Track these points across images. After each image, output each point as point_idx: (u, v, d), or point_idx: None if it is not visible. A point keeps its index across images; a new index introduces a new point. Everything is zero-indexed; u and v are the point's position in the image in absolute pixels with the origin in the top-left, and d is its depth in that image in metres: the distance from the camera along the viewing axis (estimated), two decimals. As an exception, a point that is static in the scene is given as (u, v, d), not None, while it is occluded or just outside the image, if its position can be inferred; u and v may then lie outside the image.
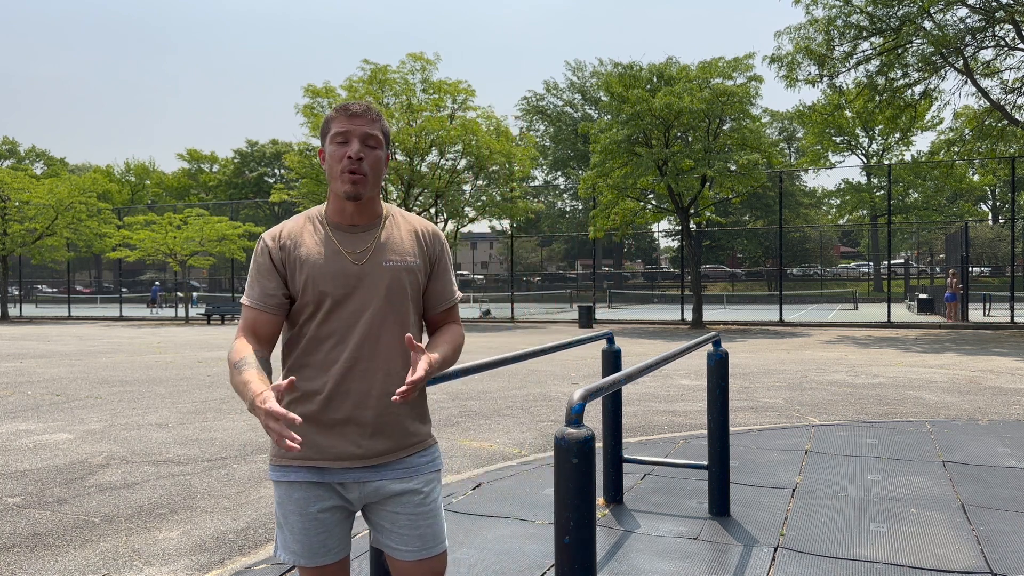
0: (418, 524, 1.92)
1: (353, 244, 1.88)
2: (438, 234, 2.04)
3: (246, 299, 1.89)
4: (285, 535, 1.89)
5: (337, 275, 1.84)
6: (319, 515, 1.86)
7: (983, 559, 3.56)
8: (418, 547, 1.91)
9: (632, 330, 22.21)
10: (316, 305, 1.85)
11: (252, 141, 63.33)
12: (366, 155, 1.84)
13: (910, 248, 59.02)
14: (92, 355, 15.08)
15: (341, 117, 1.85)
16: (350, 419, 1.85)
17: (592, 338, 4.24)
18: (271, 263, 1.86)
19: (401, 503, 1.91)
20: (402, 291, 1.90)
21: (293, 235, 1.89)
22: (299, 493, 1.86)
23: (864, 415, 7.52)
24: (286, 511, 1.88)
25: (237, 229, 31.88)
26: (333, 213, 1.91)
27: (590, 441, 1.92)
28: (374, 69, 25.34)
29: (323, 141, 1.90)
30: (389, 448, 1.89)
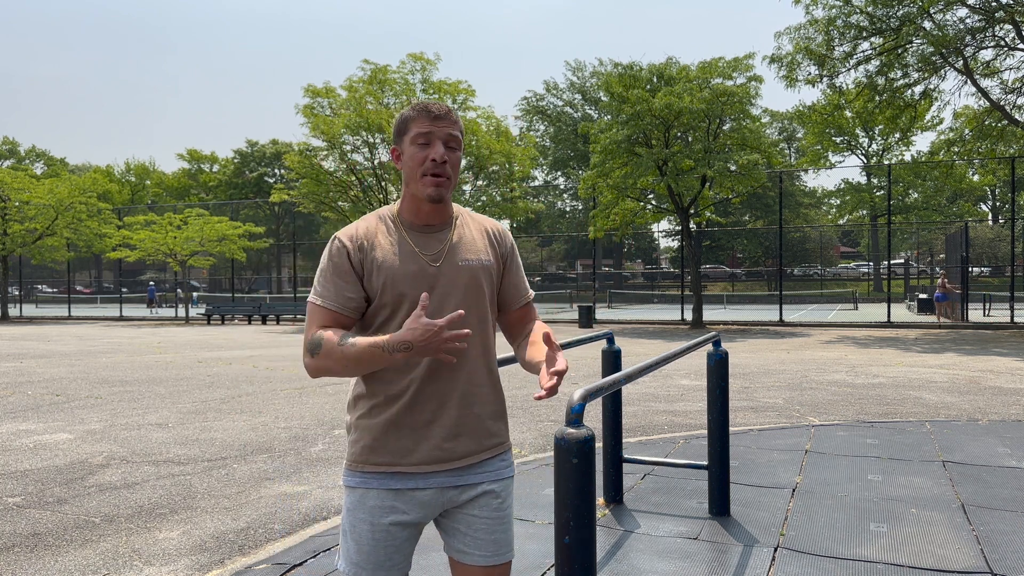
0: (494, 529, 1.90)
1: (428, 245, 1.86)
2: (507, 232, 2.04)
3: (320, 300, 1.80)
4: (349, 545, 1.85)
5: (415, 276, 1.82)
6: (390, 528, 1.82)
7: (983, 559, 3.56)
8: (492, 552, 1.90)
9: (632, 330, 22.21)
10: (395, 307, 1.82)
11: (252, 141, 63.32)
12: (449, 157, 1.83)
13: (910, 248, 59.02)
14: (92, 355, 15.08)
15: (423, 119, 1.82)
16: (433, 421, 1.83)
17: (592, 338, 4.24)
18: (349, 264, 1.81)
19: (479, 506, 1.89)
20: (479, 290, 1.89)
21: (369, 236, 1.85)
22: (374, 502, 1.82)
23: (864, 415, 7.52)
24: (355, 519, 1.83)
25: (237, 229, 31.88)
26: (408, 213, 1.88)
27: (590, 441, 1.92)
28: (374, 69, 25.34)
29: (398, 140, 1.87)
30: (471, 450, 1.87)
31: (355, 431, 1.87)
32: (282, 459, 5.97)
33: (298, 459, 5.96)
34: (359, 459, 1.84)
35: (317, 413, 8.00)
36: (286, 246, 54.94)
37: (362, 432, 1.85)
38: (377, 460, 1.82)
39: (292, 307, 29.32)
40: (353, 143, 25.64)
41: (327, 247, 1.85)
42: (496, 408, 1.94)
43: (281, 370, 12.12)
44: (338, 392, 9.55)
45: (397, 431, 1.82)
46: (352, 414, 1.88)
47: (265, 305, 30.20)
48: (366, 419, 1.84)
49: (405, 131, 1.85)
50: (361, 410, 1.85)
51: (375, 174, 25.96)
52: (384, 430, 1.82)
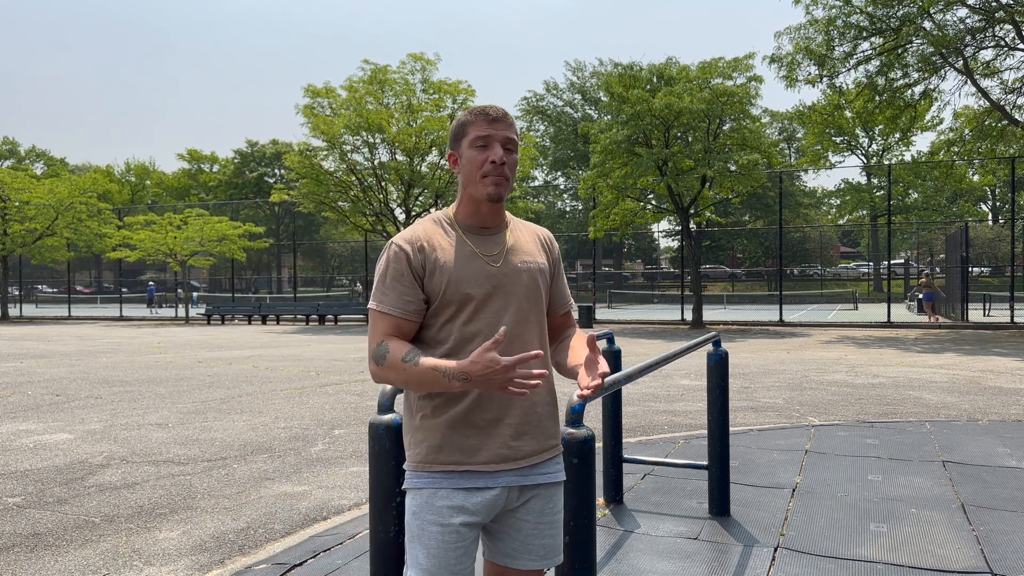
0: (544, 532, 1.90)
1: (486, 246, 1.89)
2: (554, 239, 2.08)
3: (381, 306, 1.82)
4: (417, 551, 1.80)
5: (478, 276, 1.84)
6: (460, 528, 1.79)
7: (983, 559, 3.56)
8: (540, 556, 1.89)
9: (632, 330, 22.21)
10: (459, 306, 1.83)
11: (252, 141, 63.30)
12: (507, 159, 1.85)
13: (910, 248, 59.02)
14: (92, 355, 15.09)
15: (481, 122, 1.85)
16: (499, 419, 1.83)
17: (592, 338, 4.24)
18: (409, 268, 1.82)
19: (531, 510, 1.88)
20: (537, 291, 1.92)
21: (428, 237, 1.86)
22: (444, 502, 1.80)
23: (864, 415, 7.52)
24: (424, 522, 1.80)
25: (237, 229, 31.87)
26: (466, 216, 1.91)
27: (590, 441, 1.92)
28: (374, 69, 25.34)
29: (456, 145, 1.90)
30: (535, 450, 1.87)
31: (419, 431, 1.85)
32: (282, 459, 5.97)
33: (298, 459, 5.96)
34: (426, 459, 1.82)
35: (317, 413, 8.00)
36: (286, 246, 54.95)
37: (427, 432, 1.83)
38: (445, 459, 1.81)
39: (292, 307, 29.32)
40: (353, 143, 25.64)
41: (384, 252, 1.87)
42: (553, 409, 1.95)
43: (281, 370, 12.12)
44: (339, 392, 9.55)
45: (464, 429, 1.81)
46: (414, 414, 1.87)
47: (265, 305, 30.20)
48: (430, 418, 1.83)
49: (463, 135, 1.88)
50: (424, 410, 1.84)
51: (375, 174, 25.96)
52: (451, 428, 1.81)
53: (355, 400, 8.89)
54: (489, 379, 1.63)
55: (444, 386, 1.69)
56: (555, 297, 2.04)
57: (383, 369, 1.76)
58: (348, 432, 6.99)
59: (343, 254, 62.56)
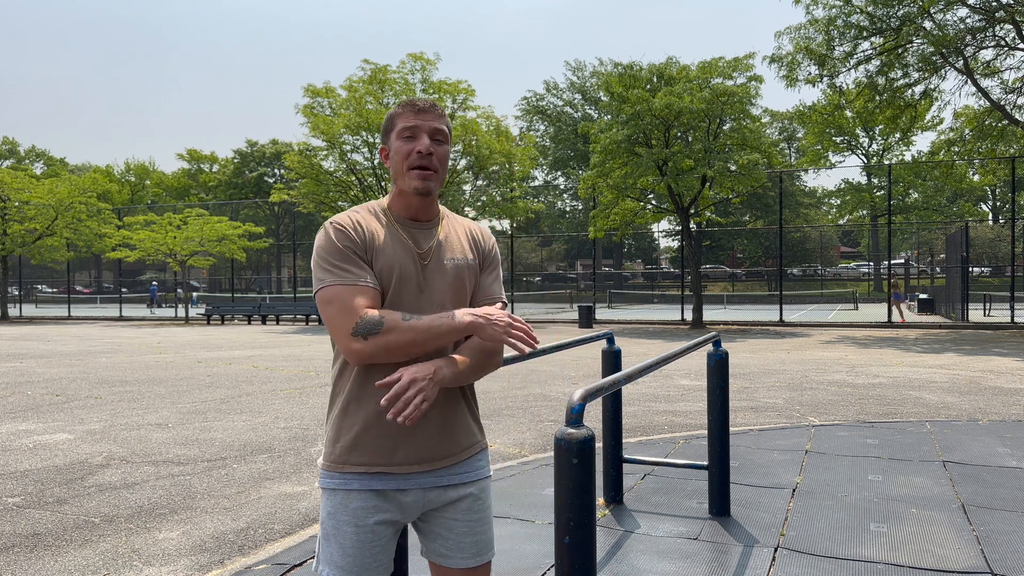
0: (475, 530, 1.90)
1: (418, 240, 1.87)
2: (490, 234, 2.05)
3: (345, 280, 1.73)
4: (332, 549, 1.80)
5: (408, 269, 1.82)
6: (376, 527, 1.79)
7: (983, 559, 3.56)
8: (473, 553, 1.90)
9: (632, 330, 22.21)
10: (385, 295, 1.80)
11: (252, 141, 63.35)
12: (435, 150, 1.83)
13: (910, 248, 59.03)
14: (92, 355, 15.09)
15: (408, 113, 1.84)
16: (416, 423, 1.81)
17: (592, 338, 4.24)
18: (356, 245, 1.78)
19: (459, 508, 1.89)
20: (463, 288, 1.90)
21: (365, 223, 1.83)
22: (358, 503, 1.79)
23: (864, 415, 7.52)
24: (339, 522, 1.79)
25: (237, 229, 31.87)
26: (398, 208, 1.89)
27: (590, 441, 1.92)
28: (374, 69, 25.34)
29: (385, 138, 1.89)
30: (452, 450, 1.86)
31: (333, 430, 1.83)
32: (282, 459, 5.96)
33: (298, 459, 5.96)
34: (339, 459, 1.80)
35: (317, 413, 8.00)
36: (286, 246, 54.95)
37: (341, 431, 1.81)
38: (358, 460, 1.79)
39: (292, 307, 29.32)
40: (353, 143, 25.64)
41: (324, 233, 1.80)
42: (473, 409, 1.95)
43: (281, 370, 12.12)
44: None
45: (378, 430, 1.79)
46: (332, 412, 1.85)
47: (265, 305, 30.20)
48: (344, 417, 1.81)
49: (392, 127, 1.87)
50: (340, 408, 1.82)
51: (375, 174, 25.96)
52: (365, 429, 1.79)
53: (355, 400, 8.88)
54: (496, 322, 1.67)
55: (452, 329, 1.71)
56: (479, 295, 1.98)
57: (379, 339, 1.68)
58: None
59: (343, 254, 62.40)
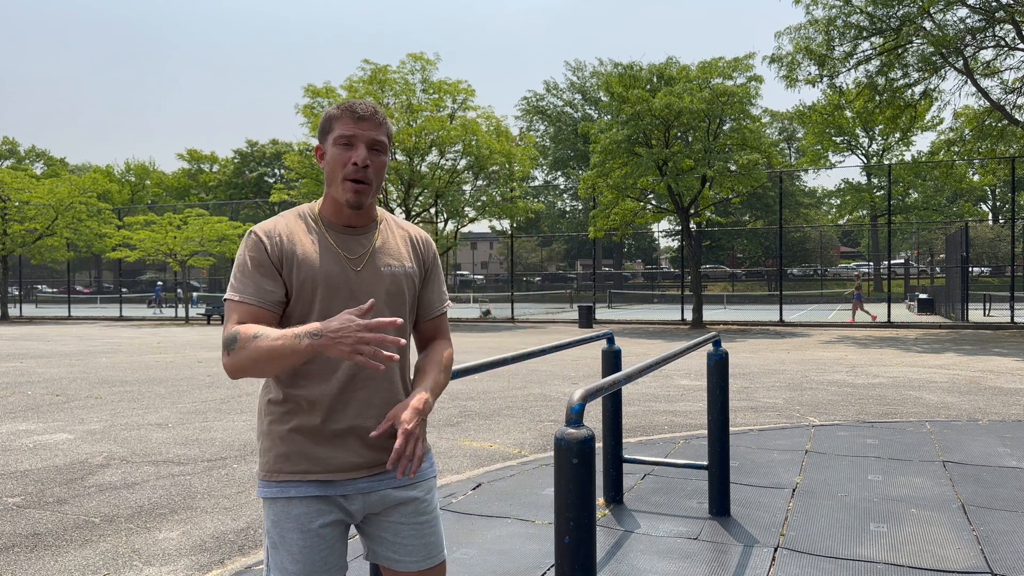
0: (422, 533, 1.86)
1: (350, 247, 1.80)
2: (430, 241, 1.99)
3: (237, 295, 1.71)
4: (281, 556, 1.75)
5: (336, 277, 1.76)
6: (321, 530, 1.75)
7: (983, 559, 3.56)
8: (422, 556, 1.86)
9: (632, 330, 22.21)
10: (311, 307, 1.75)
11: (252, 141, 63.34)
12: (372, 162, 1.75)
13: (910, 248, 59.02)
14: (92, 355, 15.09)
15: (347, 119, 1.75)
16: (352, 429, 1.77)
17: (592, 338, 4.24)
18: (267, 258, 1.72)
19: (404, 512, 1.85)
20: (401, 296, 1.85)
21: (288, 231, 1.77)
22: (299, 509, 1.75)
23: (864, 415, 7.52)
24: (284, 529, 1.75)
25: (237, 229, 31.86)
26: (329, 214, 1.82)
27: (590, 441, 1.92)
28: (374, 69, 25.35)
29: (322, 139, 1.80)
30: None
31: (267, 438, 1.78)
32: (282, 459, 5.96)
33: (298, 459, 5.96)
34: (273, 468, 1.76)
35: (317, 413, 7.99)
36: (286, 246, 54.86)
37: (274, 440, 1.77)
38: (292, 468, 1.75)
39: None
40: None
41: (243, 242, 1.76)
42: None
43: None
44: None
45: (312, 439, 1.75)
46: (263, 420, 1.80)
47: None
48: (278, 425, 1.77)
49: (329, 130, 1.78)
50: (273, 416, 1.77)
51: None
52: (299, 437, 1.75)
53: (355, 400, 8.88)
54: (341, 338, 1.51)
55: (294, 351, 1.56)
56: (423, 302, 1.94)
57: (235, 353, 1.62)
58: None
59: (343, 254, 62.47)
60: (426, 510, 1.88)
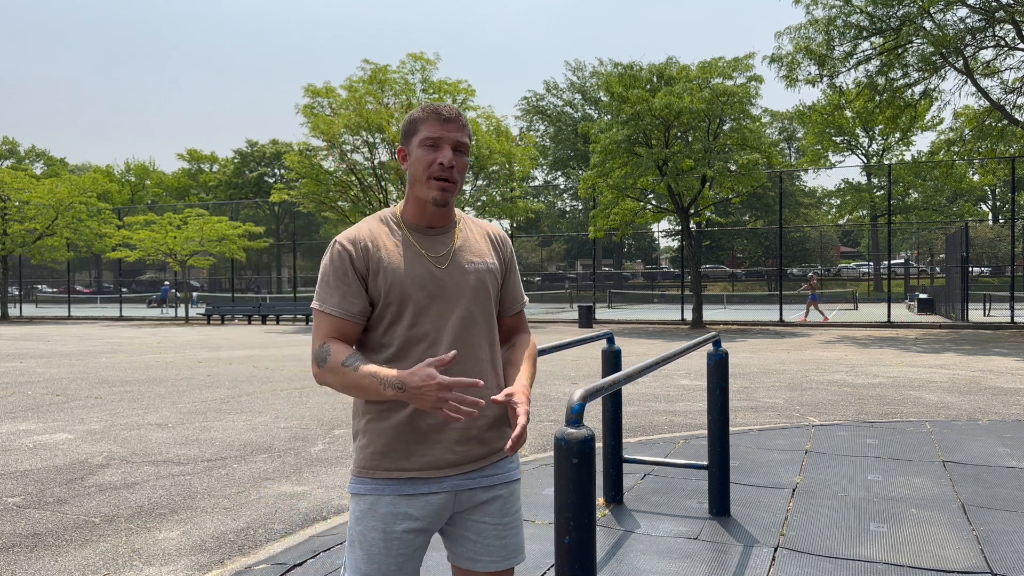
0: (504, 533, 1.89)
1: (433, 247, 1.86)
2: (507, 237, 2.05)
3: (324, 306, 1.78)
4: (357, 555, 1.79)
5: (422, 278, 1.81)
6: (404, 535, 1.78)
7: (983, 559, 3.56)
8: (502, 556, 1.88)
9: (632, 330, 22.21)
10: (403, 309, 1.80)
11: (252, 141, 63.32)
12: (456, 162, 1.82)
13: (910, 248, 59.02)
14: (92, 355, 15.08)
15: (433, 121, 1.81)
16: (445, 425, 1.80)
17: (592, 338, 4.24)
18: (352, 268, 1.79)
19: (488, 511, 1.88)
20: (486, 292, 1.90)
21: (372, 238, 1.82)
22: (386, 508, 1.78)
23: (864, 415, 7.52)
24: (366, 528, 1.78)
25: (237, 229, 31.87)
26: (412, 215, 1.87)
27: (590, 441, 1.92)
28: (374, 69, 25.34)
29: (406, 141, 1.86)
30: (482, 453, 1.86)
31: (363, 436, 1.82)
32: (282, 459, 5.97)
33: (298, 459, 5.96)
34: (369, 465, 1.81)
35: (317, 413, 8.00)
36: (286, 246, 54.95)
37: (372, 437, 1.81)
38: (389, 465, 1.79)
39: (292, 307, 29.31)
40: (353, 143, 25.64)
41: (328, 251, 1.82)
42: (502, 411, 1.93)
43: (281, 370, 12.12)
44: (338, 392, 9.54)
45: (409, 435, 1.79)
46: (360, 419, 1.84)
47: (265, 305, 30.20)
48: (376, 423, 1.81)
49: (414, 132, 1.84)
50: (370, 414, 1.82)
51: (375, 174, 25.96)
52: (396, 434, 1.79)
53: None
54: (423, 395, 1.60)
55: (378, 394, 1.66)
56: (506, 298, 2.00)
57: (324, 371, 1.73)
58: (348, 432, 6.99)
59: (343, 254, 62.46)
60: (509, 511, 1.91)
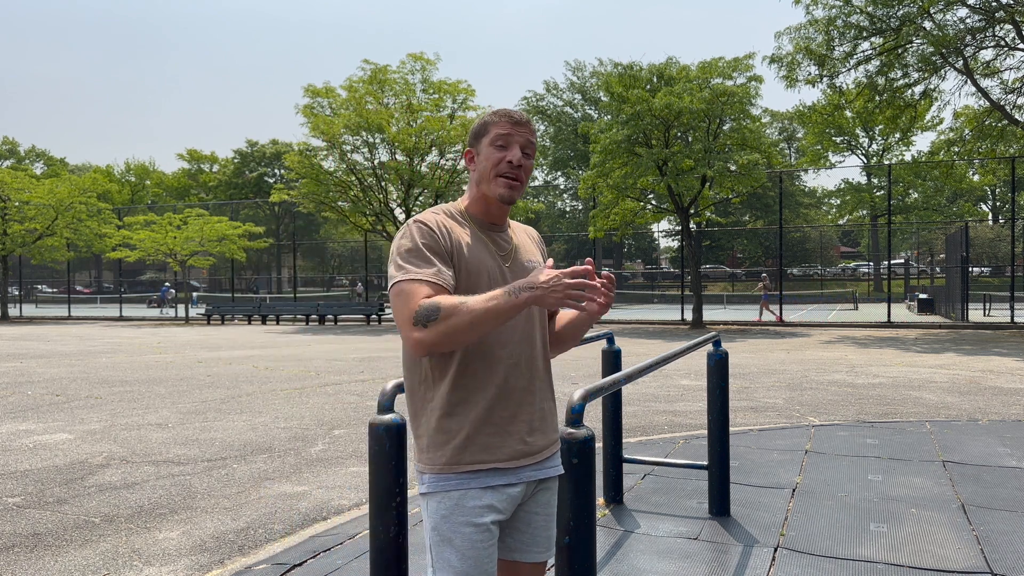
0: (550, 524, 1.95)
1: (498, 243, 1.92)
2: (542, 238, 2.15)
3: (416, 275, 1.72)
4: (449, 555, 1.77)
5: (494, 271, 1.86)
6: (491, 527, 1.79)
7: (983, 559, 3.56)
8: (546, 547, 1.94)
9: (632, 330, 22.21)
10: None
11: (252, 141, 63.29)
12: (523, 163, 1.87)
13: (910, 248, 59.02)
14: (92, 355, 15.08)
15: (504, 122, 1.87)
16: (516, 416, 1.84)
17: (592, 338, 4.24)
18: (439, 243, 1.79)
19: (539, 502, 1.92)
20: None
21: (448, 224, 1.85)
22: (474, 502, 1.78)
23: (864, 415, 7.52)
24: (455, 524, 1.77)
25: (237, 229, 31.86)
26: (477, 212, 1.93)
27: (590, 441, 1.92)
28: (374, 69, 25.35)
29: (475, 142, 1.91)
30: (545, 444, 1.91)
31: (439, 432, 1.81)
32: (282, 459, 5.96)
33: (298, 459, 5.96)
34: (451, 460, 1.79)
35: (317, 413, 8.00)
36: (286, 246, 54.92)
37: (450, 432, 1.80)
38: (471, 459, 1.80)
39: (292, 307, 29.31)
40: (353, 143, 25.65)
41: (408, 230, 1.80)
42: (554, 405, 2.00)
43: (281, 370, 12.12)
44: (339, 392, 9.55)
45: (486, 427, 1.81)
46: (429, 416, 1.83)
47: (265, 305, 30.20)
48: (449, 419, 1.80)
49: (484, 133, 1.89)
50: (442, 410, 1.81)
51: (375, 174, 25.96)
52: (474, 427, 1.80)
53: (355, 400, 8.89)
54: (552, 288, 1.63)
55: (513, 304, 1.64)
56: None
57: (438, 325, 1.64)
58: (348, 432, 6.99)
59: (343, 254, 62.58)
60: (554, 502, 1.97)
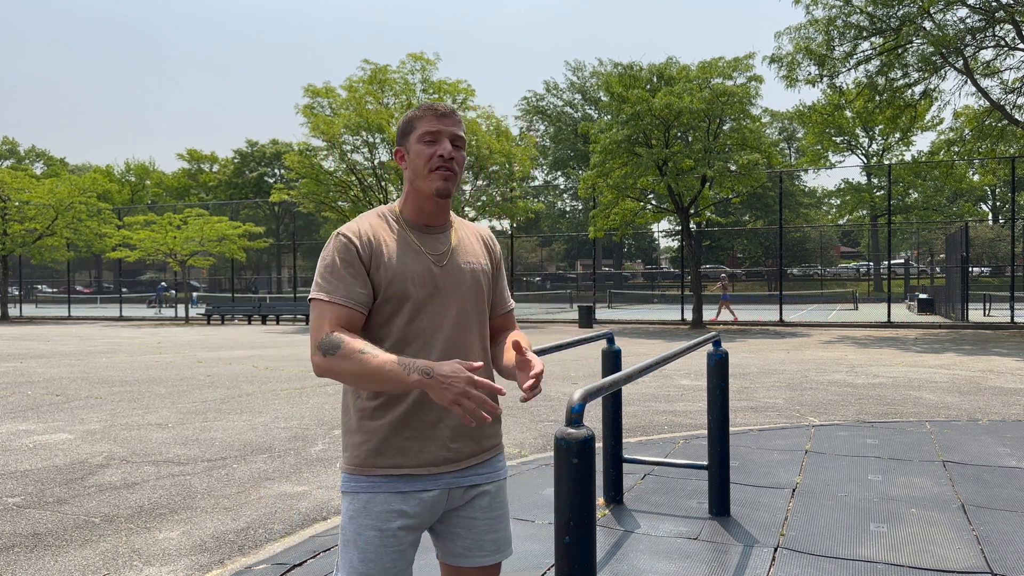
0: (494, 527, 1.93)
1: (431, 245, 1.88)
2: (495, 239, 2.08)
3: (328, 296, 1.75)
4: (352, 555, 1.80)
5: (422, 275, 1.83)
6: (398, 532, 1.79)
7: (983, 559, 3.56)
8: (492, 551, 1.93)
9: (632, 330, 22.21)
10: (401, 304, 1.81)
11: (252, 141, 63.28)
12: (455, 155, 1.85)
13: (910, 248, 59.02)
14: (92, 355, 15.08)
15: (430, 117, 1.86)
16: (439, 421, 1.82)
17: (592, 338, 4.24)
18: (358, 258, 1.78)
19: (479, 507, 1.91)
20: (480, 292, 1.93)
21: (374, 232, 1.83)
22: (381, 507, 1.79)
23: (864, 415, 7.52)
24: (361, 526, 1.79)
25: (237, 229, 31.86)
26: (411, 212, 1.90)
27: (590, 441, 1.92)
28: (374, 69, 25.34)
29: (403, 140, 1.90)
30: (474, 451, 1.89)
31: (358, 433, 1.82)
32: (282, 459, 5.97)
33: (298, 459, 5.97)
34: (365, 463, 1.81)
35: (317, 413, 8.00)
36: (286, 246, 54.91)
37: (366, 434, 1.81)
38: (384, 463, 1.80)
39: (292, 307, 29.31)
40: (353, 143, 25.64)
41: (330, 243, 1.82)
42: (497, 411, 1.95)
43: (281, 370, 12.12)
44: (338, 392, 9.54)
45: (405, 431, 1.80)
46: (352, 416, 1.84)
47: (265, 305, 30.20)
48: (370, 420, 1.81)
49: (412, 130, 1.88)
50: (364, 411, 1.82)
51: (375, 174, 25.96)
52: (391, 431, 1.80)
53: (355, 400, 8.88)
54: (449, 385, 1.57)
55: (400, 380, 1.62)
56: (497, 298, 2.03)
57: (333, 361, 1.67)
58: (348, 432, 6.98)
59: (343, 254, 62.43)
60: (499, 505, 1.96)
